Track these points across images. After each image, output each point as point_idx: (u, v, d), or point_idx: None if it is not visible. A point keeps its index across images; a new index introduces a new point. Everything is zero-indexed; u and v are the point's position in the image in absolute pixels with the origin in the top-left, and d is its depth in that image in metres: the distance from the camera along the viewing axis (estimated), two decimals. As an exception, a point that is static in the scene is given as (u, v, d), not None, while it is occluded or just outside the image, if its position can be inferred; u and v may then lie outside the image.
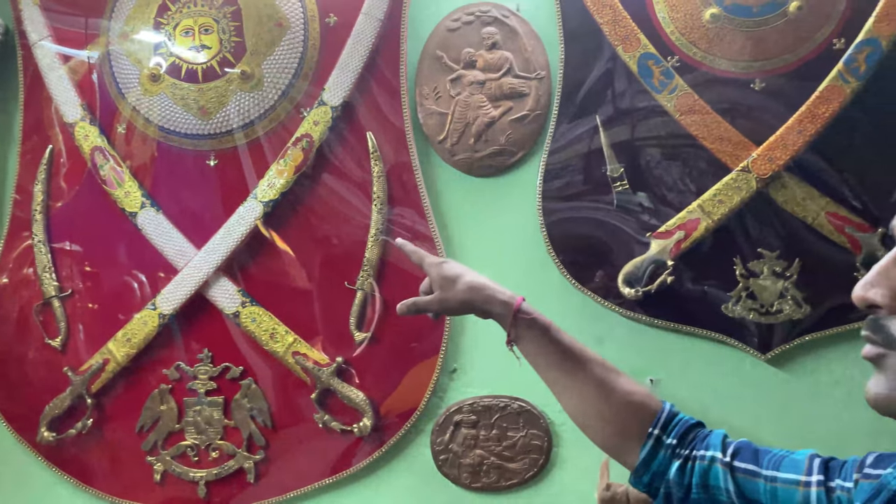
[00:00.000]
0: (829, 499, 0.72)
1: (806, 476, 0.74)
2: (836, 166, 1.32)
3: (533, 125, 1.45)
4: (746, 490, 0.78)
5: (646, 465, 0.84)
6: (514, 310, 0.91)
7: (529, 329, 0.91)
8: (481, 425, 1.41)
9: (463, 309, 0.97)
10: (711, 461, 0.80)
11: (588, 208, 1.42)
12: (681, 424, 0.84)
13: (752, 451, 0.80)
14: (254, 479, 1.48)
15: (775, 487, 0.75)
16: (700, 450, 0.81)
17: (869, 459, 0.72)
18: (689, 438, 0.83)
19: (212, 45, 1.49)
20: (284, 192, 1.45)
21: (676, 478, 0.82)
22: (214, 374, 1.49)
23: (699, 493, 0.80)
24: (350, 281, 1.45)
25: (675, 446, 0.82)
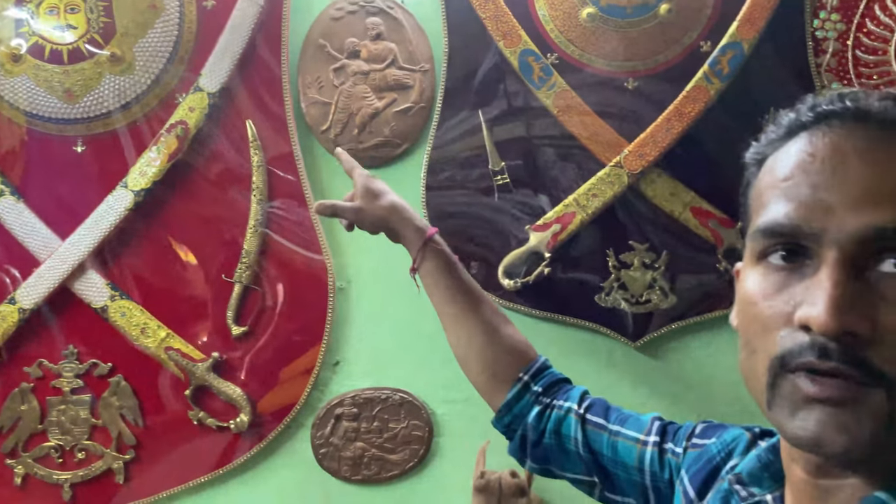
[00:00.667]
0: (661, 460, 0.75)
1: (645, 436, 0.77)
2: (700, 163, 1.39)
3: (417, 118, 1.46)
4: (592, 441, 0.82)
5: (509, 407, 0.88)
6: (425, 237, 0.94)
7: (435, 258, 0.93)
8: (362, 418, 1.40)
9: (378, 225, 0.98)
10: (567, 411, 0.84)
11: (470, 201, 1.44)
12: (549, 376, 0.89)
13: (604, 407, 0.84)
14: (123, 480, 1.42)
15: (616, 441, 0.79)
16: (560, 400, 0.85)
17: (698, 429, 0.75)
18: (553, 389, 0.88)
19: (78, 25, 1.41)
20: (157, 180, 1.40)
21: (534, 422, 0.85)
22: (81, 371, 1.42)
23: (551, 438, 0.85)
24: (228, 274, 1.41)
25: (539, 394, 0.86)
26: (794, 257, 0.49)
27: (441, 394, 1.42)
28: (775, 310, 0.48)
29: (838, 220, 0.46)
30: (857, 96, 0.50)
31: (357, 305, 1.46)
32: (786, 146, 0.52)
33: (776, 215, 0.49)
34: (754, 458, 0.61)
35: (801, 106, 0.52)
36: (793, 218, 0.48)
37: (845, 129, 0.49)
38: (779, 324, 0.48)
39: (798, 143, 0.51)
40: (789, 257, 0.49)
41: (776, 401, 0.48)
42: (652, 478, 0.76)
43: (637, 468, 0.78)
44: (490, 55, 1.43)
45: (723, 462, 0.68)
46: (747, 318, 0.51)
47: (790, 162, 0.50)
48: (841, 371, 0.45)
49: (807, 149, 0.50)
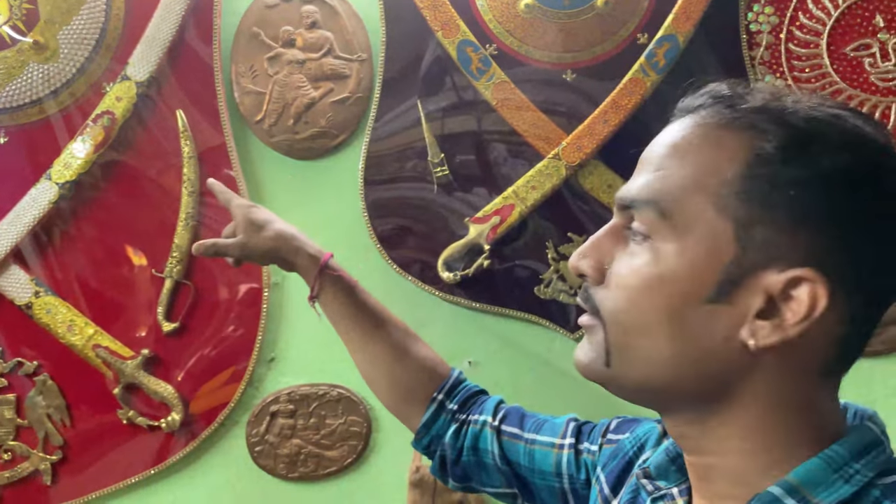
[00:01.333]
0: (577, 461, 0.75)
1: (560, 439, 0.77)
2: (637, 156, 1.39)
3: (355, 108, 1.43)
4: (509, 452, 0.81)
5: (426, 428, 0.87)
6: (320, 265, 0.91)
7: (334, 286, 0.91)
8: (299, 414, 1.38)
9: (268, 257, 0.94)
10: (483, 425, 0.83)
11: (410, 194, 1.42)
12: (464, 391, 0.87)
13: (519, 416, 0.83)
14: (51, 481, 1.37)
15: (533, 450, 0.78)
16: (475, 414, 0.84)
17: (612, 424, 0.75)
18: (469, 404, 0.86)
19: (0, 11, 1.35)
20: (83, 172, 1.35)
21: (451, 440, 0.85)
22: (6, 370, 1.37)
23: (469, 455, 0.83)
24: (158, 268, 1.37)
25: (455, 411, 0.85)
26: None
27: (380, 388, 1.41)
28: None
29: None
30: (686, 100, 0.57)
31: (292, 301, 1.43)
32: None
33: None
34: (662, 452, 0.61)
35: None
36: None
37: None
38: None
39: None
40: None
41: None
42: (570, 481, 0.76)
43: (554, 474, 0.77)
44: (431, 46, 1.41)
45: (635, 456, 0.68)
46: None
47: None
48: (580, 305, 0.56)
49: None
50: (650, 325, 0.50)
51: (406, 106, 1.42)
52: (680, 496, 0.58)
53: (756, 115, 0.50)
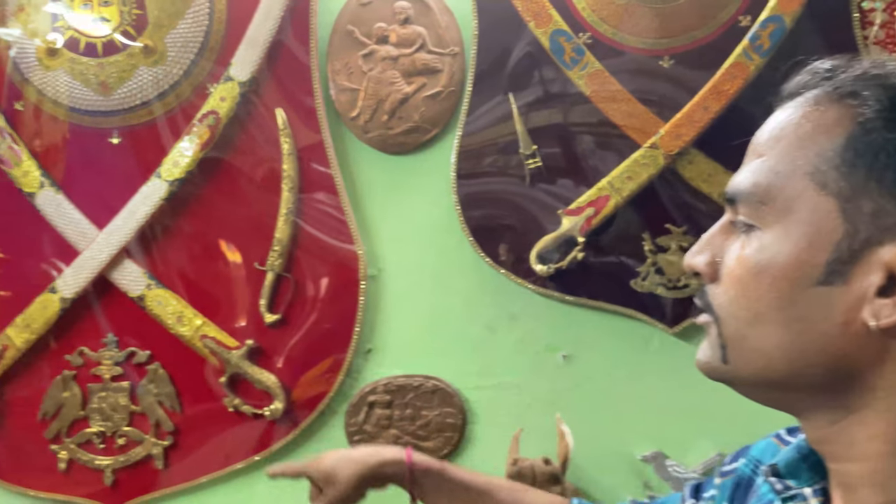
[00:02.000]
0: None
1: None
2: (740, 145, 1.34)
3: (447, 102, 1.44)
4: None
5: None
6: (408, 466, 0.89)
7: (426, 477, 0.90)
8: (395, 405, 1.40)
9: (359, 487, 0.92)
10: None
11: (502, 187, 1.42)
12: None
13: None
14: (162, 466, 1.44)
15: None
16: None
17: (728, 458, 0.72)
18: None
19: (112, 18, 1.42)
20: (190, 170, 1.41)
21: None
22: (120, 359, 1.45)
23: None
24: (260, 262, 1.42)
25: None
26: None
27: (473, 380, 1.41)
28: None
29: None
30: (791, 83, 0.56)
31: (388, 293, 1.45)
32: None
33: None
34: (793, 449, 0.58)
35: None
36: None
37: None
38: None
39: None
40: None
41: None
42: None
43: None
44: (522, 37, 1.40)
45: (754, 474, 0.65)
46: None
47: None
48: (698, 304, 0.55)
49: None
50: (761, 314, 0.49)
51: (498, 99, 1.42)
52: (813, 496, 0.55)
53: (854, 83, 0.49)
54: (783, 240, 0.49)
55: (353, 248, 1.42)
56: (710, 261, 0.53)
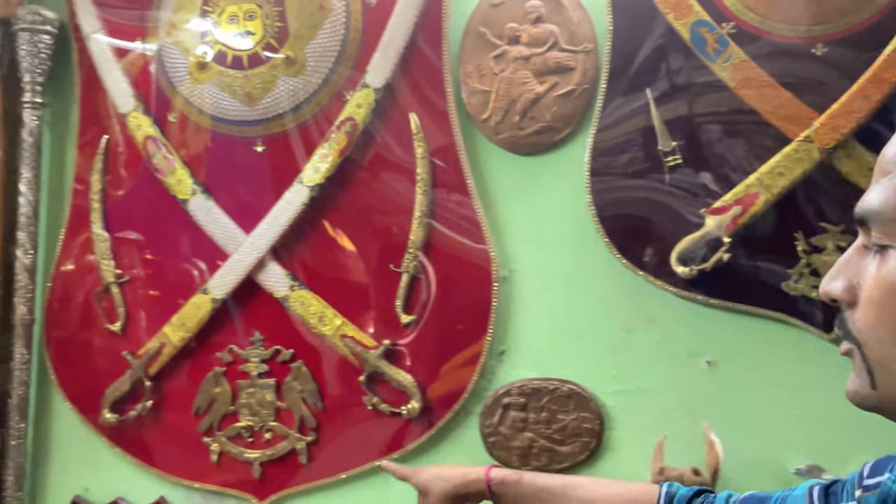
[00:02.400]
0: None
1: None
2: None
3: (580, 100, 1.41)
4: None
5: None
6: (486, 484, 0.97)
7: (504, 489, 0.96)
8: (530, 408, 1.39)
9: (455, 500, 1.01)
10: None
11: (639, 186, 1.37)
12: (679, 498, 0.85)
13: (755, 500, 0.79)
14: (306, 461, 1.50)
15: None
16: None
17: (866, 471, 0.67)
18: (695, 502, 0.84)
19: (256, 31, 1.49)
20: (330, 175, 1.46)
21: None
22: (266, 356, 1.52)
23: None
24: (395, 263, 1.44)
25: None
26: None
27: (611, 385, 1.38)
28: None
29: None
30: None
31: (521, 294, 1.45)
32: None
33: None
34: None
35: None
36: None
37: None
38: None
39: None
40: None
41: None
42: None
43: None
44: (659, 30, 1.36)
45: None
46: None
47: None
48: (838, 332, 0.54)
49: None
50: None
51: (634, 94, 1.38)
52: None
53: None
54: None
55: (486, 249, 1.42)
56: (848, 286, 0.53)
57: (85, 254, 1.65)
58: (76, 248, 1.66)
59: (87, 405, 1.63)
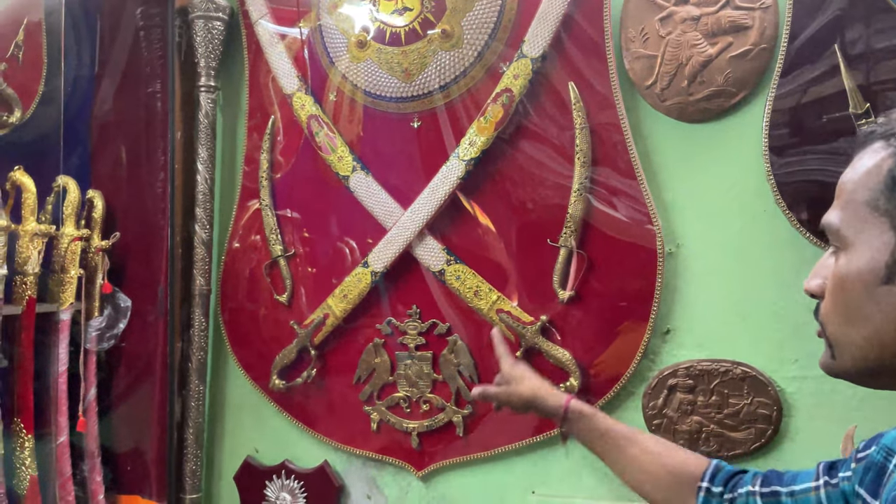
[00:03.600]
0: (836, 492, 0.80)
1: (815, 482, 0.82)
2: None
3: (756, 62, 1.30)
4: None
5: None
6: (562, 413, 1.10)
7: (578, 423, 1.08)
8: (699, 391, 1.32)
9: (523, 406, 1.16)
10: (747, 495, 0.89)
11: (825, 152, 1.25)
12: (724, 473, 0.94)
13: (776, 475, 0.88)
14: (462, 433, 1.51)
15: (796, 500, 0.84)
16: (739, 489, 0.91)
17: (861, 445, 0.77)
18: (732, 482, 0.92)
19: (413, 7, 1.50)
20: (485, 149, 1.44)
21: None
22: (423, 329, 1.54)
23: None
24: (552, 238, 1.41)
25: (721, 493, 0.92)
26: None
27: (790, 369, 1.28)
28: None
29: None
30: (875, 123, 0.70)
31: (688, 271, 1.37)
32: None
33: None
34: None
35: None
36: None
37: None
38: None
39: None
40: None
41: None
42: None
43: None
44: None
45: (886, 460, 0.70)
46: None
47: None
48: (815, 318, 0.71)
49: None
50: (849, 314, 0.65)
51: (819, 54, 1.25)
52: None
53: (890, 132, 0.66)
54: (857, 254, 0.65)
55: (650, 223, 1.35)
56: (821, 282, 0.69)
57: (254, 230, 1.75)
58: (245, 225, 1.75)
59: (258, 372, 1.73)
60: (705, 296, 1.35)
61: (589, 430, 1.07)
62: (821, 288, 0.69)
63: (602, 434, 1.05)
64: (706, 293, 1.35)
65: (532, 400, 1.13)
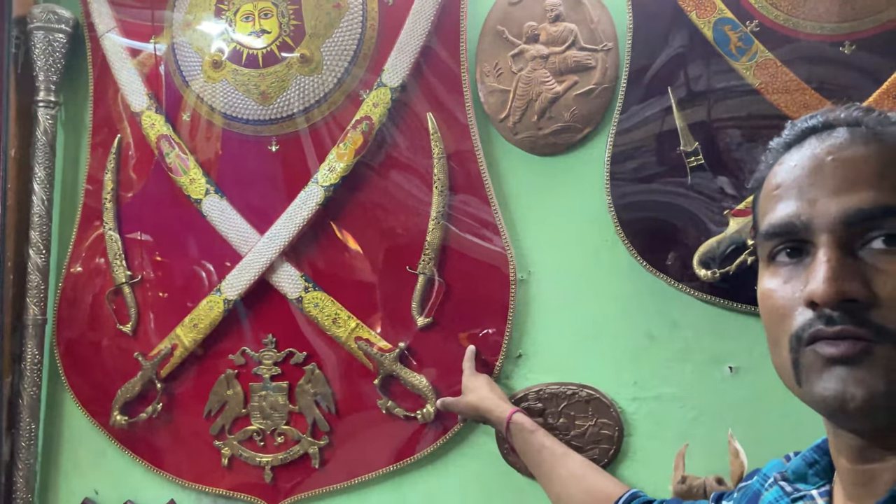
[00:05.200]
0: None
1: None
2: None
3: (600, 99, 1.39)
4: None
5: None
6: (507, 419, 1.21)
7: (520, 434, 1.18)
8: (548, 413, 1.36)
9: (473, 415, 1.29)
10: None
11: (660, 188, 1.34)
12: (638, 501, 1.00)
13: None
14: (319, 465, 1.47)
15: None
16: None
17: (746, 476, 0.79)
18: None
19: (271, 30, 1.48)
20: (345, 175, 1.44)
21: None
22: (279, 359, 1.49)
23: None
24: (411, 265, 1.42)
25: None
26: (797, 254, 0.57)
27: (631, 391, 1.35)
28: (786, 298, 0.57)
29: (822, 209, 0.55)
30: (826, 112, 0.61)
31: (538, 297, 1.42)
32: (776, 165, 0.62)
33: (773, 217, 0.58)
34: (799, 459, 0.66)
35: (784, 131, 0.63)
36: (786, 216, 0.57)
37: (819, 139, 0.59)
38: (791, 308, 0.56)
39: (785, 159, 0.61)
40: (793, 254, 0.57)
41: (802, 376, 0.56)
42: None
43: None
44: (681, 28, 1.33)
45: (762, 488, 0.72)
46: (766, 313, 0.60)
47: (780, 175, 0.60)
48: (849, 332, 0.53)
49: (791, 161, 0.59)
50: None
51: (655, 94, 1.35)
52: (820, 497, 0.62)
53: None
54: None
55: (503, 250, 1.39)
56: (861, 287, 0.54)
57: (97, 254, 1.64)
58: (88, 249, 1.64)
59: (97, 407, 1.61)
60: (554, 321, 1.40)
61: (528, 444, 1.16)
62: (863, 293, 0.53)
63: (539, 450, 1.15)
64: (555, 318, 1.40)
65: (478, 409, 1.25)
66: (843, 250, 0.54)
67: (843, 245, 0.55)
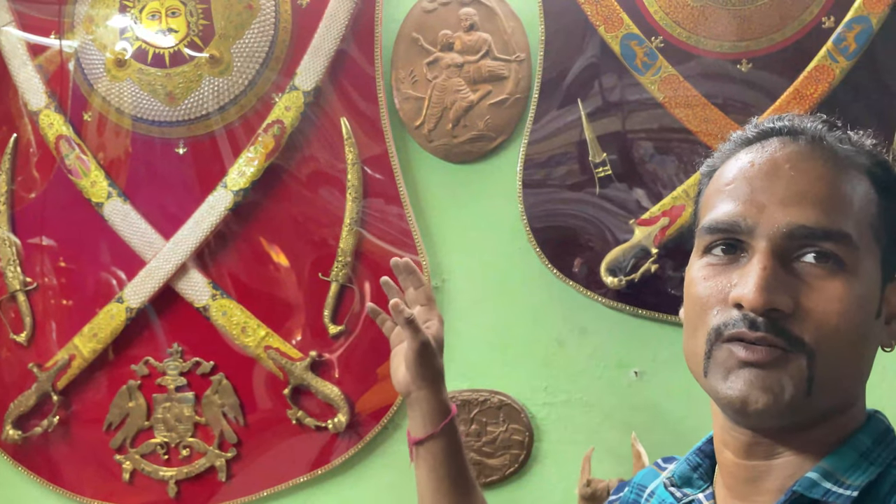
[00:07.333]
0: None
1: None
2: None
3: (513, 109, 1.40)
4: None
5: None
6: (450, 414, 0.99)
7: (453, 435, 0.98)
8: (460, 420, 1.36)
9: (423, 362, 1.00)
10: None
11: (571, 197, 1.37)
12: None
13: None
14: (226, 478, 1.43)
15: None
16: None
17: (613, 491, 0.78)
18: None
19: (179, 29, 1.43)
20: (255, 180, 1.40)
21: None
22: (185, 369, 1.44)
23: None
24: (324, 272, 1.40)
25: None
26: (732, 251, 0.57)
27: (541, 396, 1.37)
28: (713, 290, 0.57)
29: (769, 217, 0.55)
30: (793, 118, 0.60)
31: (453, 304, 1.42)
32: (732, 158, 0.60)
33: (719, 213, 0.58)
34: (683, 462, 0.67)
35: (748, 126, 0.62)
36: (732, 214, 0.57)
37: (781, 143, 0.58)
38: (716, 302, 0.57)
39: (742, 155, 0.59)
40: (728, 250, 0.58)
41: (711, 368, 0.56)
42: None
43: None
44: (590, 42, 1.36)
45: (637, 497, 0.72)
46: (691, 300, 0.59)
47: (734, 170, 0.59)
48: (768, 340, 0.54)
49: (748, 159, 0.59)
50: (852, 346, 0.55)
51: (566, 105, 1.38)
52: (706, 500, 0.63)
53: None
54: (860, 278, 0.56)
55: (417, 258, 1.39)
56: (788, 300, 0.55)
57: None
58: (-21, 254, 1.55)
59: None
60: (468, 328, 1.41)
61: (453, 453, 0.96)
62: (789, 306, 0.55)
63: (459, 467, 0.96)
64: (469, 325, 1.41)
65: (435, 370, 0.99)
66: (778, 260, 0.55)
67: (779, 255, 0.55)
